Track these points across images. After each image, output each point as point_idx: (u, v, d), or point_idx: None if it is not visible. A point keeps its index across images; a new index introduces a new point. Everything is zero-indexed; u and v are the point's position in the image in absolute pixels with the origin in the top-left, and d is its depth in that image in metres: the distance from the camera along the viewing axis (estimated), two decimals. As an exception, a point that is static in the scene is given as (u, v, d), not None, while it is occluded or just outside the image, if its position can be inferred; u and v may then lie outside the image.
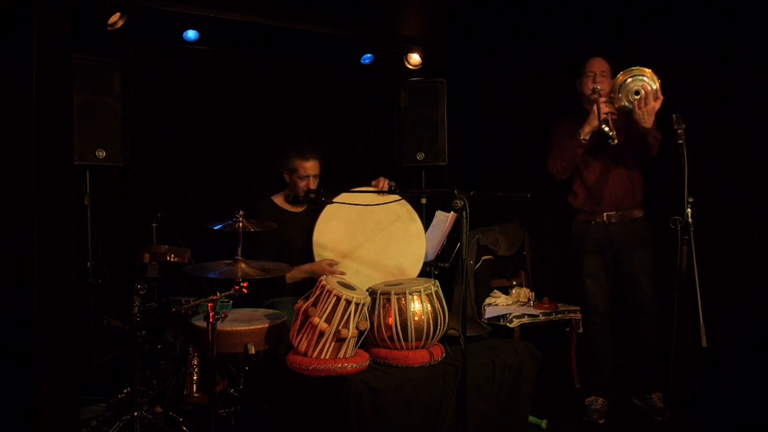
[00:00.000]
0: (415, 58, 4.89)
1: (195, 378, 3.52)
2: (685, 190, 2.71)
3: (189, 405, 3.47)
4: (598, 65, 3.49)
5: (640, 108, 3.16)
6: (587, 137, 3.36)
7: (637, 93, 3.17)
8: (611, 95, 3.29)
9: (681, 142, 2.86)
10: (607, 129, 3.23)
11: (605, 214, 3.51)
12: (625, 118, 3.33)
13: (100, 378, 3.71)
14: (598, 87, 3.35)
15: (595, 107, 3.29)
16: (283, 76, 4.78)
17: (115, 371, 3.75)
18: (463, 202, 2.50)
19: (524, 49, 4.81)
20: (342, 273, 3.17)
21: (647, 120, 3.19)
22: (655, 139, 3.31)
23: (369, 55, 4.88)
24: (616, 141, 3.24)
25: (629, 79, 3.20)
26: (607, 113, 3.28)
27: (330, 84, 4.97)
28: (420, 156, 4.64)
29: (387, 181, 3.31)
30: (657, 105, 3.16)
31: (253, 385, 3.05)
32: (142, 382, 3.05)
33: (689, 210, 2.69)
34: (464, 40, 4.95)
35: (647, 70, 3.19)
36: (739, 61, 3.54)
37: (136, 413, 2.91)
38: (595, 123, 3.29)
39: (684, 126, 2.89)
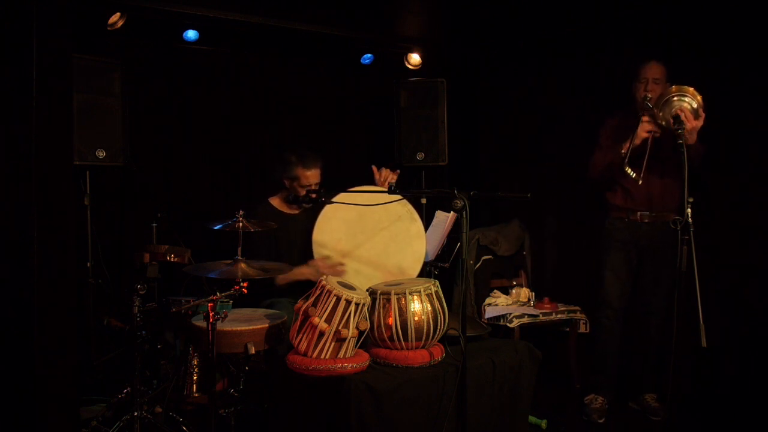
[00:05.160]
0: (415, 58, 4.90)
1: (195, 378, 3.52)
2: (685, 190, 2.71)
3: (189, 405, 3.47)
4: (652, 72, 3.41)
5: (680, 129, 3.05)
6: (627, 152, 3.29)
7: (676, 117, 3.06)
8: (654, 110, 3.21)
9: (681, 142, 2.86)
10: (630, 171, 3.20)
11: (639, 213, 3.50)
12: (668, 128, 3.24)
13: (100, 378, 3.71)
14: (649, 95, 3.31)
15: (639, 129, 3.24)
16: (283, 77, 4.78)
17: (115, 371, 3.75)
18: (463, 202, 2.49)
19: (524, 49, 4.81)
20: (342, 265, 3.17)
21: (690, 138, 3.10)
22: (696, 151, 3.23)
23: (369, 55, 4.89)
24: (641, 182, 3.22)
25: (675, 98, 3.12)
26: (650, 131, 3.23)
27: (330, 84, 4.97)
28: (420, 156, 4.63)
29: (389, 172, 3.31)
30: (699, 123, 3.11)
31: (253, 385, 3.05)
32: (142, 382, 3.05)
33: (689, 210, 2.69)
34: (464, 40, 4.95)
35: (690, 88, 3.11)
36: (739, 60, 3.54)
37: (136, 413, 2.92)
38: (637, 142, 3.25)
39: (684, 126, 2.89)
